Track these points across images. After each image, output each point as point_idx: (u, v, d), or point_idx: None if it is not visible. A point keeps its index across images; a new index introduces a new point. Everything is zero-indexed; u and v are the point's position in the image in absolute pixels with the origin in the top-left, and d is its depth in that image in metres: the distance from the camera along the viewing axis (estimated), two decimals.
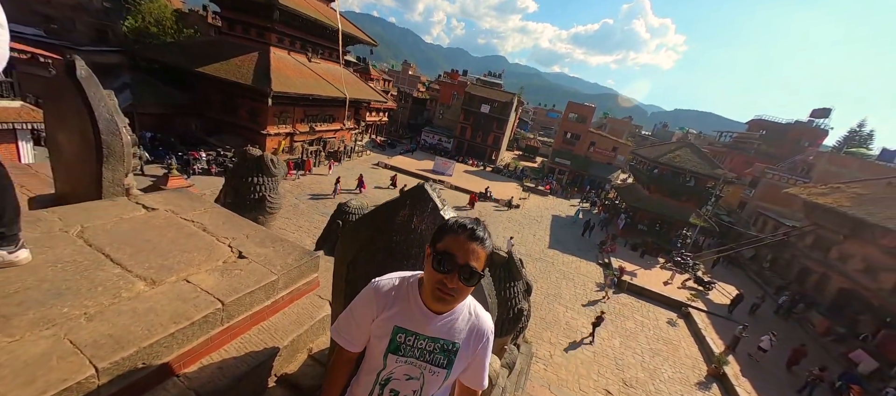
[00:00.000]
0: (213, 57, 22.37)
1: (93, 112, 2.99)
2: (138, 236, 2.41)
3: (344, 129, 32.38)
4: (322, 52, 29.57)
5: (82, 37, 23.17)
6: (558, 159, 46.50)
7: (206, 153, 21.50)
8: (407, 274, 1.36)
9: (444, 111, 52.14)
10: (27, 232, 2.19)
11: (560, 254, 21.76)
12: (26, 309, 1.65)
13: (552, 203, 35.02)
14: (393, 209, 1.82)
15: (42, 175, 4.99)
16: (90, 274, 1.96)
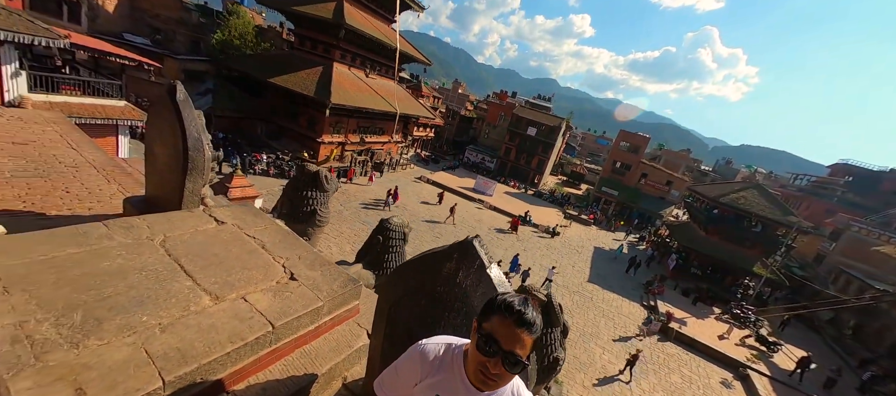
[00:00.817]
0: (283, 69, 24.52)
1: (185, 130, 3.41)
2: (208, 249, 2.67)
3: (391, 142, 33.63)
4: (379, 68, 31.23)
5: (180, 46, 26.57)
6: (605, 188, 44.44)
7: (266, 156, 23.38)
8: (453, 342, 1.36)
9: (490, 131, 52.34)
10: (122, 238, 2.53)
11: (600, 290, 20.55)
12: (115, 314, 1.89)
13: (595, 233, 33.37)
14: (440, 259, 1.85)
15: (134, 173, 5.73)
16: (167, 285, 2.19)
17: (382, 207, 22.90)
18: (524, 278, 17.82)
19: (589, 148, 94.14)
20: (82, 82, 12.30)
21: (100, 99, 12.57)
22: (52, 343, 1.65)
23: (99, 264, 2.19)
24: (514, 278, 17.84)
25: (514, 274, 17.98)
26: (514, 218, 26.64)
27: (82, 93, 12.14)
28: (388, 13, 31.24)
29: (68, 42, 9.82)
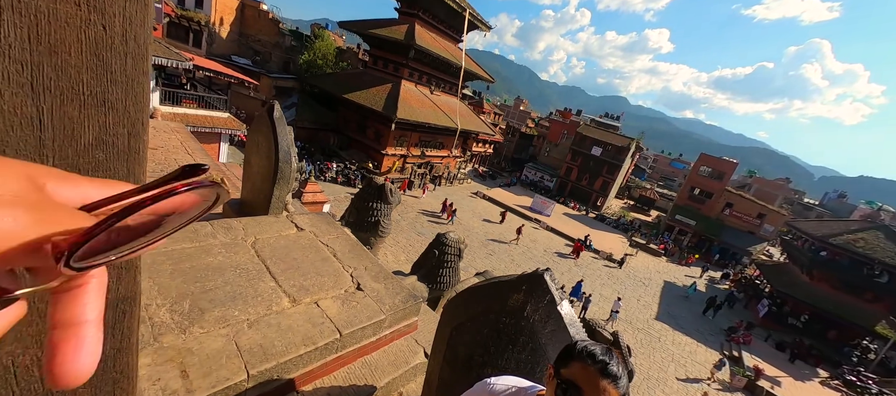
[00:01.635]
0: (356, 86, 26.59)
1: (278, 144, 3.86)
2: (289, 253, 2.94)
3: (450, 156, 34.31)
4: (444, 85, 32.32)
5: (274, 66, 30.33)
6: (679, 216, 40.18)
7: (336, 164, 25.32)
8: (524, 386, 1.30)
9: (551, 149, 50.78)
10: (223, 237, 2.91)
11: (670, 331, 18.40)
12: (214, 306, 2.16)
13: (664, 266, 30.18)
14: (506, 289, 1.80)
15: (232, 178, 6.61)
16: (255, 284, 2.46)
17: (443, 221, 23.42)
18: (585, 306, 16.70)
19: (661, 171, 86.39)
20: (198, 97, 14.58)
21: (210, 111, 14.75)
22: (167, 326, 1.93)
23: (205, 259, 2.53)
24: (576, 305, 16.82)
25: (576, 300, 16.94)
26: (577, 243, 25.19)
27: (198, 106, 14.38)
28: (455, 33, 32.37)
29: (192, 64, 11.77)
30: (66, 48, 0.68)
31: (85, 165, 0.79)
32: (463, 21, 30.74)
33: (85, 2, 0.68)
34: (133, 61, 0.76)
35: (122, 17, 0.73)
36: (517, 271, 14.07)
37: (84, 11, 0.68)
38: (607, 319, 16.95)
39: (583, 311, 16.64)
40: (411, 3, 27.83)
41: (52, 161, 0.75)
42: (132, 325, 1.03)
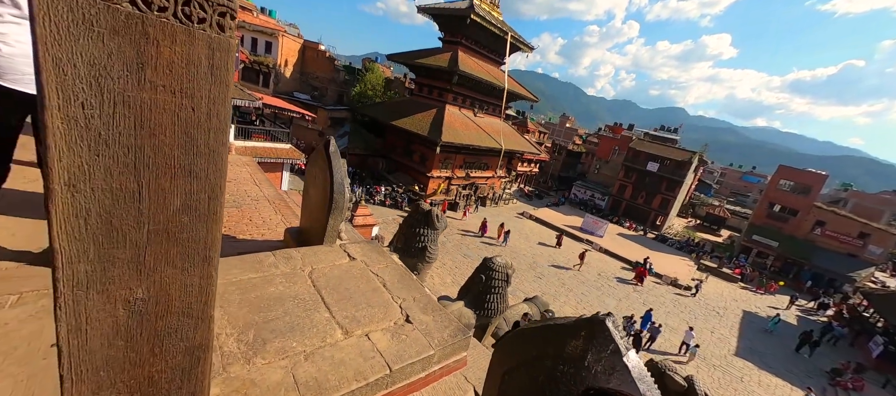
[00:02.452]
0: (403, 113, 27.82)
1: (333, 176, 4.11)
2: (342, 283, 3.05)
3: (495, 177, 34.12)
4: (487, 107, 32.65)
5: (329, 99, 32.91)
6: (757, 236, 35.66)
7: (384, 188, 26.36)
8: None
9: (601, 166, 48.44)
10: (284, 267, 3.11)
11: (754, 369, 16.01)
12: (275, 337, 2.28)
13: (741, 293, 26.68)
14: (563, 334, 1.68)
15: (293, 206, 7.14)
16: (311, 315, 2.57)
17: (495, 243, 23.30)
18: (653, 337, 15.21)
19: (731, 186, 78.01)
20: (266, 131, 16.17)
21: (274, 143, 16.26)
22: (234, 356, 2.07)
23: (267, 289, 2.71)
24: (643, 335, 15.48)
25: (644, 331, 15.53)
26: (639, 267, 23.26)
27: (265, 139, 15.93)
28: (498, 56, 32.84)
29: (261, 102, 13.17)
30: (162, 130, 0.77)
31: (173, 228, 0.88)
32: (505, 44, 31.14)
33: (180, 90, 0.77)
34: (215, 134, 0.84)
35: (208, 99, 0.81)
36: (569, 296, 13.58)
37: (178, 98, 0.77)
38: (679, 352, 15.29)
39: (650, 342, 15.16)
40: (454, 32, 28.88)
41: (146, 227, 0.84)
42: (205, 370, 1.09)
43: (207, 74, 0.78)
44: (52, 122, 0.65)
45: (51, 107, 0.64)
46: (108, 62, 0.67)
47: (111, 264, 0.79)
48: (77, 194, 0.71)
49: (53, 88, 0.63)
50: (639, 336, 14.68)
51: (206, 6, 0.74)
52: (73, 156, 0.68)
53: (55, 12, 0.60)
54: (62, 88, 0.64)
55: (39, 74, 0.61)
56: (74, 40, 0.63)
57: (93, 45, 0.65)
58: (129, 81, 0.70)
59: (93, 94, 0.67)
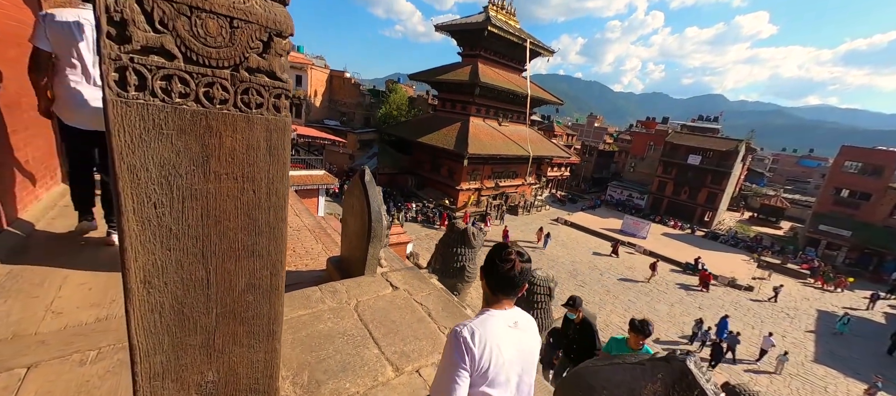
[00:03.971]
0: (428, 129, 28.22)
1: (369, 205, 4.17)
2: (388, 315, 3.04)
3: (525, 184, 33.54)
4: (511, 115, 32.41)
5: (357, 123, 34.14)
6: (825, 226, 32.29)
7: (415, 204, 26.66)
8: None
9: (636, 163, 46.29)
10: (330, 301, 3.16)
11: (840, 377, 14.23)
12: (328, 377, 2.28)
13: (813, 291, 24.04)
14: (635, 377, 1.53)
15: (332, 233, 7.33)
16: (361, 351, 2.55)
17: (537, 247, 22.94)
18: (732, 347, 13.91)
19: (787, 173, 71.69)
20: (301, 160, 16.96)
21: (309, 170, 16.98)
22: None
23: (317, 326, 2.74)
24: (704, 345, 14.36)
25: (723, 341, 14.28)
26: (705, 272, 21.40)
27: (301, 168, 16.68)
28: (518, 64, 32.68)
29: (296, 134, 13.86)
30: (227, 216, 0.76)
31: (239, 308, 0.86)
32: (524, 51, 30.96)
33: (241, 175, 0.76)
34: (274, 212, 0.83)
35: (267, 179, 0.80)
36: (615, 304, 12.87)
37: (240, 183, 0.76)
38: (758, 361, 14.00)
39: (730, 352, 13.92)
40: (473, 45, 29.15)
41: (215, 311, 0.83)
42: None
43: (266, 156, 0.77)
44: (129, 226, 0.65)
45: (127, 211, 0.65)
46: (177, 160, 0.68)
47: (184, 351, 0.79)
48: (152, 290, 0.71)
49: (129, 194, 0.64)
50: (719, 347, 13.44)
51: (264, 91, 0.74)
52: (148, 255, 0.69)
53: (129, 122, 0.61)
54: (136, 193, 0.65)
55: (116, 182, 0.63)
56: (146, 146, 0.64)
57: (162, 147, 0.66)
58: (195, 175, 0.70)
59: (163, 194, 0.68)
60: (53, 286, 2.44)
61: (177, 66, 0.65)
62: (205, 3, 0.64)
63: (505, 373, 1.26)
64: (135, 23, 0.58)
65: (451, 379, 1.18)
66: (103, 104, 0.59)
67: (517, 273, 1.29)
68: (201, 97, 0.68)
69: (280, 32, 0.73)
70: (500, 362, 1.23)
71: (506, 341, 1.26)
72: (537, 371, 1.64)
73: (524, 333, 1.35)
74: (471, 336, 1.19)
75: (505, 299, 1.34)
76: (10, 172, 3.01)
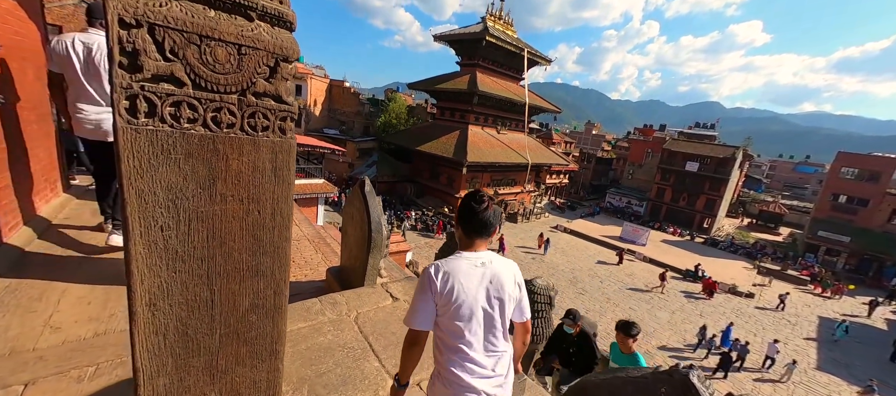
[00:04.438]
0: (427, 137, 28.34)
1: (370, 216, 4.18)
2: (387, 327, 3.02)
3: (524, 192, 33.59)
4: (510, 123, 32.61)
5: (356, 132, 34.26)
6: (823, 232, 32.35)
7: (414, 212, 26.64)
8: None
9: (635, 170, 46.47)
10: (330, 313, 3.14)
11: (843, 385, 14.13)
12: (329, 392, 2.25)
13: (814, 298, 23.99)
14: (641, 389, 1.52)
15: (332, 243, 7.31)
16: (361, 365, 2.53)
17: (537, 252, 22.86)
18: (742, 357, 13.78)
19: (784, 179, 72.04)
20: (301, 169, 16.97)
21: (309, 179, 16.99)
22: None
23: (317, 339, 2.73)
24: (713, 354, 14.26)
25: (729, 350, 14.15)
26: (709, 280, 21.29)
27: (300, 177, 16.69)
28: (516, 73, 33.00)
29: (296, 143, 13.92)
30: (232, 236, 0.77)
31: (243, 329, 0.87)
32: (522, 60, 31.28)
33: (247, 197, 0.77)
34: (279, 232, 0.84)
35: (272, 200, 0.81)
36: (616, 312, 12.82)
37: (246, 204, 0.77)
38: (763, 367, 13.94)
39: (740, 361, 13.79)
40: (471, 55, 29.46)
41: (219, 332, 0.83)
42: None
43: (271, 177, 0.78)
44: (136, 250, 0.66)
45: (134, 235, 0.65)
46: (184, 184, 0.69)
47: (187, 373, 0.79)
48: (157, 312, 0.72)
49: (136, 218, 0.65)
50: (728, 357, 13.26)
51: (270, 114, 0.75)
52: (154, 278, 0.69)
53: (138, 148, 0.62)
54: (144, 216, 0.66)
55: (124, 207, 0.63)
56: (154, 170, 0.65)
57: (170, 171, 0.67)
58: (202, 198, 0.71)
59: (170, 217, 0.69)
60: (52, 300, 2.42)
61: (186, 93, 0.66)
62: (214, 32, 0.66)
63: (468, 306, 1.36)
64: (146, 52, 0.60)
65: (416, 303, 1.37)
66: (114, 131, 0.60)
67: (490, 214, 1.43)
68: (209, 122, 0.69)
69: (286, 57, 0.75)
70: (462, 296, 1.34)
71: (471, 278, 1.37)
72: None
73: (492, 269, 1.42)
74: (435, 272, 1.35)
75: (478, 240, 1.45)
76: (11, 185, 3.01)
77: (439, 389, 1.47)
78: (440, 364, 1.49)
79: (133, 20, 0.58)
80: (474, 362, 1.40)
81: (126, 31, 0.59)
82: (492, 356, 1.45)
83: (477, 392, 1.40)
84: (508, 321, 1.50)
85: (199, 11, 0.65)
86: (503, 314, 1.45)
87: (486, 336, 1.43)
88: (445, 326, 1.39)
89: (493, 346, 1.45)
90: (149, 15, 0.59)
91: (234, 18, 0.70)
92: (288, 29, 0.76)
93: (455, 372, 1.39)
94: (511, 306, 1.49)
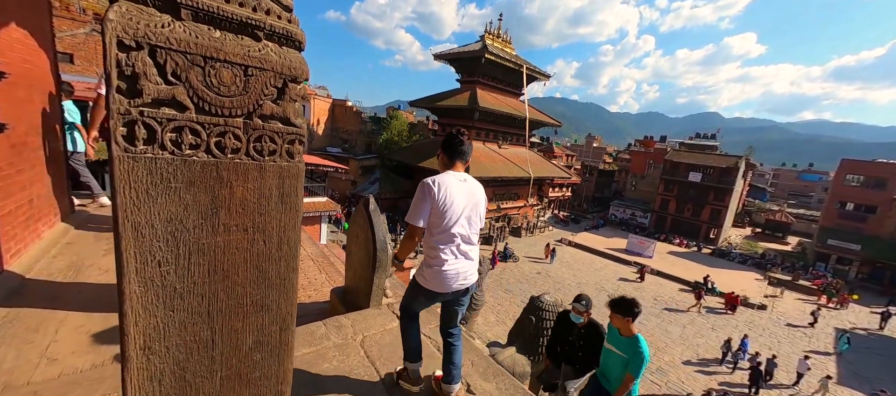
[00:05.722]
0: (429, 154, 28.49)
1: (374, 235, 4.12)
2: (395, 352, 2.90)
3: (527, 206, 33.47)
4: (510, 138, 32.79)
5: (359, 150, 34.55)
6: (833, 241, 31.83)
7: None
8: None
9: (637, 182, 46.34)
10: (335, 337, 3.04)
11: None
12: None
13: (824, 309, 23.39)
14: None
15: (335, 262, 7.23)
16: (369, 394, 2.43)
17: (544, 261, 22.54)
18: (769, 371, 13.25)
19: (788, 187, 71.57)
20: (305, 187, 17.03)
21: (312, 198, 16.99)
22: None
23: (321, 366, 2.62)
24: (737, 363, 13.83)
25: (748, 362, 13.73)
26: (731, 295, 20.47)
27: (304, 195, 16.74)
28: (515, 89, 33.40)
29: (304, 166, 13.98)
30: (236, 270, 0.71)
31: (245, 370, 0.80)
32: (521, 76, 31.70)
33: (252, 226, 0.72)
34: (286, 262, 0.78)
35: (278, 228, 0.75)
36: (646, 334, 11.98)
37: (250, 234, 0.72)
38: (795, 385, 13.45)
39: (768, 377, 13.29)
40: (471, 72, 29.91)
41: (219, 374, 0.76)
42: None
43: (278, 204, 0.73)
44: (130, 288, 0.60)
45: (128, 272, 0.60)
46: (184, 214, 0.64)
47: None
48: (152, 356, 0.66)
49: (131, 254, 0.60)
50: (758, 371, 12.74)
51: (277, 138, 0.71)
52: (150, 318, 0.63)
53: (135, 178, 0.57)
54: (140, 251, 0.61)
55: (119, 241, 0.58)
56: (153, 201, 0.60)
57: (170, 201, 0.62)
58: (203, 229, 0.66)
59: (169, 251, 0.63)
60: (50, 330, 2.35)
61: (188, 117, 0.62)
62: (219, 53, 0.62)
63: (458, 211, 1.88)
64: (147, 76, 0.56)
65: (418, 205, 1.87)
66: (109, 160, 0.56)
67: (467, 143, 1.99)
68: (212, 147, 0.65)
69: (295, 78, 0.71)
70: (452, 203, 1.86)
71: (457, 190, 1.89)
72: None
73: (470, 185, 1.97)
74: (433, 183, 1.87)
75: (459, 163, 1.99)
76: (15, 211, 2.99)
77: (426, 273, 1.98)
78: (430, 255, 1.96)
79: (133, 42, 0.54)
80: (458, 251, 1.93)
81: (125, 53, 0.55)
82: (469, 247, 1.98)
83: (456, 272, 1.93)
84: (481, 224, 2.03)
85: (204, 32, 0.61)
86: (479, 217, 1.99)
87: (467, 233, 1.94)
88: (437, 223, 1.87)
89: (469, 241, 1.97)
90: (150, 36, 0.55)
91: (240, 39, 0.67)
92: (296, 48, 0.72)
93: (442, 258, 1.90)
94: (482, 215, 2.02)
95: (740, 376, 13.64)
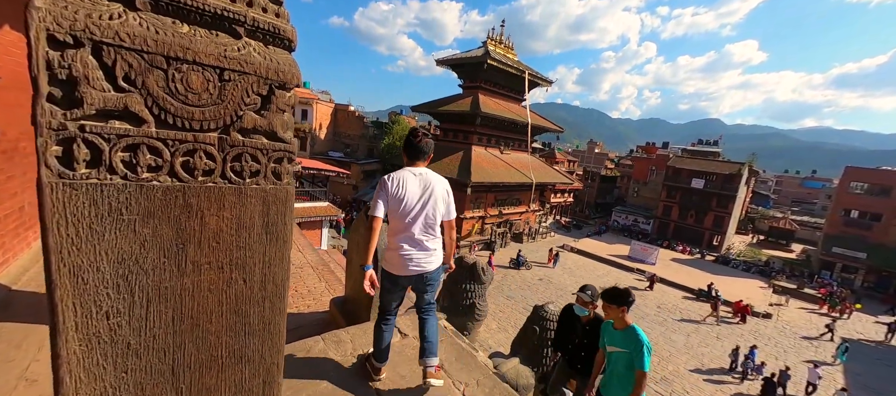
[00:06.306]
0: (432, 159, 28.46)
1: None
2: (396, 370, 2.75)
3: (529, 211, 33.29)
4: (513, 143, 32.71)
5: (361, 154, 34.53)
6: (838, 249, 31.50)
7: None
8: None
9: (640, 188, 46.15)
10: (334, 353, 2.90)
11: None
12: None
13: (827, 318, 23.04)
14: None
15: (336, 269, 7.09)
16: None
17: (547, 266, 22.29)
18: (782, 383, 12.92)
19: (791, 194, 71.18)
20: (305, 192, 16.92)
21: (313, 202, 16.89)
22: None
23: (318, 387, 2.48)
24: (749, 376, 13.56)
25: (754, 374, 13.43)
26: (740, 303, 20.10)
27: (305, 200, 16.61)
28: (517, 94, 33.37)
29: (301, 166, 13.89)
30: (208, 316, 0.58)
31: None
32: (523, 82, 31.69)
33: (228, 262, 0.59)
34: (270, 304, 0.65)
35: (262, 263, 0.62)
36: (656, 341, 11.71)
37: (227, 273, 0.59)
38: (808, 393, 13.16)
39: (782, 388, 12.97)
40: (473, 78, 29.91)
41: None
42: None
43: (261, 235, 0.60)
44: (67, 348, 0.48)
45: (64, 330, 0.47)
46: (141, 253, 0.51)
47: None
48: None
49: (69, 306, 0.47)
50: (772, 383, 12.38)
51: (261, 156, 0.58)
52: (95, 383, 0.50)
53: (74, 212, 0.45)
54: (80, 302, 0.48)
55: (52, 293, 0.45)
56: (98, 239, 0.47)
57: (121, 238, 0.49)
58: (166, 270, 0.53)
59: (120, 298, 0.50)
60: (32, 347, 2.22)
61: (145, 133, 0.49)
62: (187, 53, 0.49)
63: (411, 204, 2.05)
64: (89, 80, 0.43)
65: (375, 198, 2.06)
66: (38, 190, 0.43)
67: (424, 144, 2.19)
68: (178, 169, 0.52)
69: (283, 83, 0.58)
70: (406, 194, 2.03)
71: (411, 182, 2.08)
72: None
73: (426, 177, 2.14)
74: (388, 179, 2.07)
75: (418, 161, 2.19)
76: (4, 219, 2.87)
77: (390, 257, 2.21)
78: (392, 242, 2.17)
79: (69, 37, 0.42)
80: (413, 239, 2.08)
81: (58, 52, 0.42)
82: (425, 236, 2.11)
83: (410, 256, 2.09)
84: (440, 216, 2.16)
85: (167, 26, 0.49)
86: (435, 209, 2.12)
87: (423, 222, 2.08)
88: (396, 213, 2.05)
89: (427, 231, 2.11)
90: (94, 31, 0.43)
91: (214, 35, 0.54)
92: (286, 48, 0.59)
93: (402, 245, 2.09)
94: (442, 206, 2.16)
95: (748, 386, 13.36)
